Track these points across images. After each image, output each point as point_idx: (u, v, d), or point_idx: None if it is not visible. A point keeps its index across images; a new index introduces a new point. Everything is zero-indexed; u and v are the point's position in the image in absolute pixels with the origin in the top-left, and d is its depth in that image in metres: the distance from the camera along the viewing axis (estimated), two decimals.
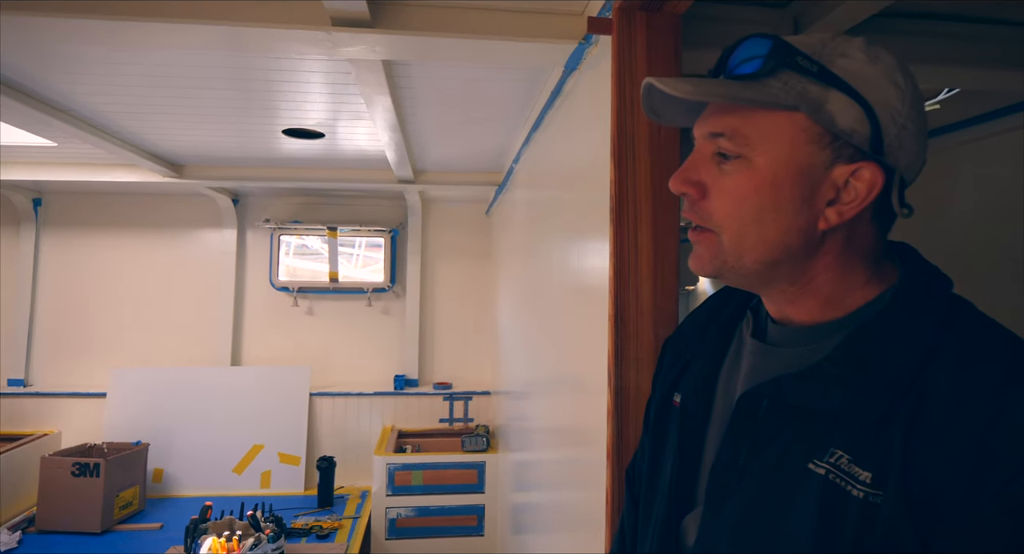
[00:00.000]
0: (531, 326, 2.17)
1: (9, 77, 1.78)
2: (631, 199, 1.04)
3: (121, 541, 2.78)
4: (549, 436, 1.87)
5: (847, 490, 0.52)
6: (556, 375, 1.75)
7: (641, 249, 1.04)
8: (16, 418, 3.48)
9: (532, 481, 2.14)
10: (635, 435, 1.03)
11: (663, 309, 1.04)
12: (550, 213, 1.83)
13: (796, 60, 0.57)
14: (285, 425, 3.45)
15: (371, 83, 1.65)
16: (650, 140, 1.06)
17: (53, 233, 3.62)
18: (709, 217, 0.62)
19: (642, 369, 1.04)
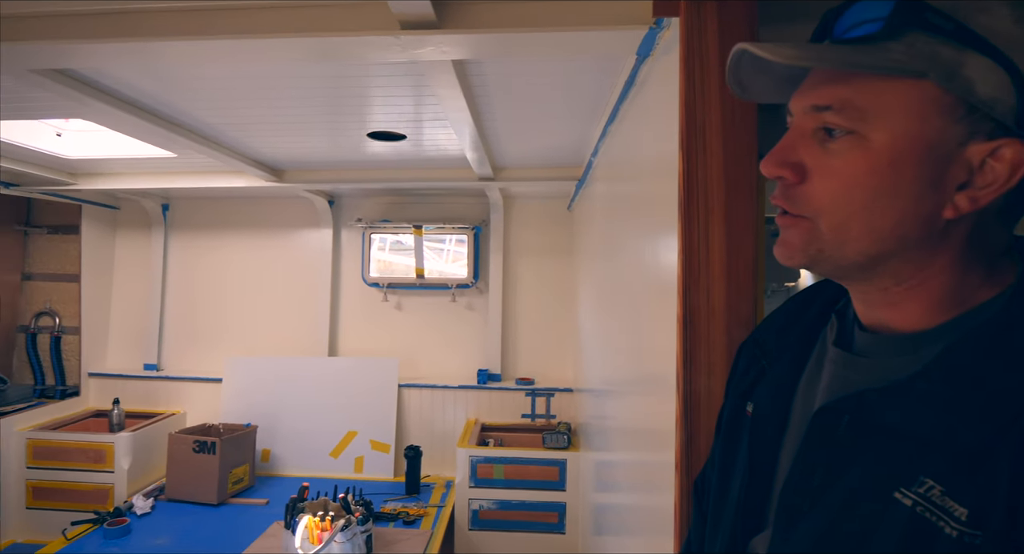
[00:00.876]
0: (608, 324, 2.12)
1: (137, 99, 2.00)
2: (701, 191, 0.97)
3: (234, 513, 3.05)
4: (625, 437, 1.82)
5: (939, 526, 0.45)
6: (631, 376, 1.70)
7: (712, 245, 0.97)
8: (150, 398, 3.93)
9: (611, 482, 2.10)
10: (706, 444, 0.97)
11: (737, 310, 0.97)
12: (625, 208, 1.78)
13: (927, 17, 0.49)
14: (376, 414, 3.62)
15: (444, 84, 1.67)
16: (723, 127, 0.98)
17: (178, 234, 4.04)
18: (807, 203, 0.55)
19: (714, 374, 0.97)
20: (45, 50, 1.42)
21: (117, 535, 2.75)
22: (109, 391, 3.90)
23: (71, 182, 3.29)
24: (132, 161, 3.01)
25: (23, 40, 1.40)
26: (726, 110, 0.99)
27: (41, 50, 1.42)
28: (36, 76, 1.64)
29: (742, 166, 0.97)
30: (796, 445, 0.62)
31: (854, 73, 0.52)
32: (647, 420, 1.45)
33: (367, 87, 1.91)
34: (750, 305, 0.98)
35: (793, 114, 0.58)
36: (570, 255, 3.73)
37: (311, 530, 2.41)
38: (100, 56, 1.46)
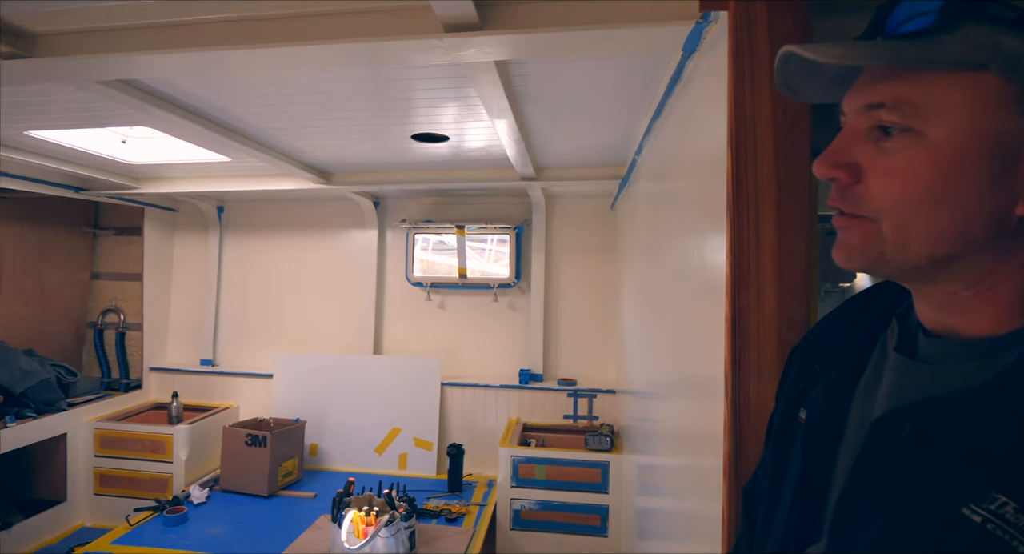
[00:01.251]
0: (652, 325, 2.08)
1: (195, 106, 2.09)
2: (751, 189, 0.94)
3: (283, 505, 3.15)
4: (670, 441, 1.78)
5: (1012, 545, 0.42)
6: (676, 378, 1.67)
7: (763, 245, 0.94)
8: (206, 392, 4.10)
9: (655, 486, 2.06)
10: (755, 450, 0.94)
11: (789, 312, 0.94)
12: (670, 206, 1.74)
13: (987, 7, 0.48)
14: (420, 412, 3.68)
15: (486, 84, 1.68)
16: (774, 123, 0.95)
17: (232, 235, 4.20)
18: (865, 203, 0.54)
19: (764, 379, 0.94)
20: (112, 62, 1.50)
21: (176, 523, 2.88)
22: (168, 385, 4.10)
23: (134, 186, 3.47)
24: (190, 165, 3.15)
25: (91, 53, 1.48)
26: (777, 105, 0.95)
27: (108, 62, 1.50)
28: (103, 87, 1.74)
29: (794, 163, 0.94)
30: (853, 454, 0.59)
31: (908, 69, 0.50)
32: (693, 424, 1.42)
33: (411, 90, 1.94)
34: (802, 307, 0.95)
35: (846, 114, 0.56)
36: (613, 254, 3.68)
37: (356, 524, 2.46)
38: (162, 66, 1.53)
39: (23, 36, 1.50)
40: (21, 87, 1.90)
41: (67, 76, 1.60)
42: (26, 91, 1.95)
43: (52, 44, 1.51)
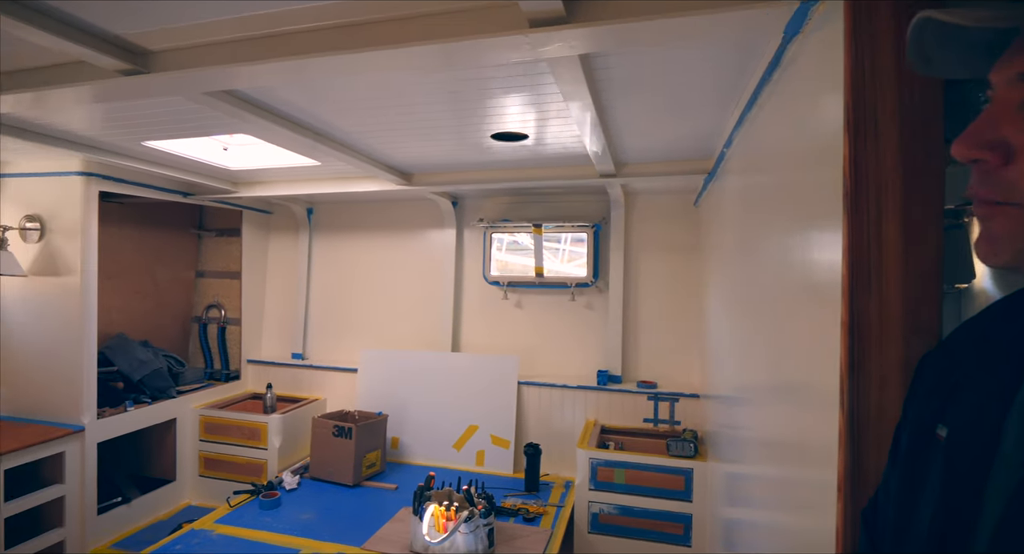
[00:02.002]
0: (744, 327, 1.97)
1: (289, 113, 2.20)
2: (872, 180, 0.85)
3: (367, 495, 3.27)
4: (764, 450, 1.67)
5: None
6: (771, 383, 1.56)
7: (886, 241, 0.85)
8: (296, 384, 4.33)
9: (746, 497, 1.95)
10: (875, 467, 0.85)
11: (916, 316, 0.84)
12: (767, 201, 1.63)
13: None
14: (497, 410, 3.70)
15: (569, 80, 1.65)
16: (899, 107, 0.85)
17: (321, 236, 4.41)
18: (1016, 188, 0.47)
19: (887, 388, 0.85)
20: (216, 74, 1.60)
21: (270, 506, 3.06)
22: (263, 376, 4.37)
23: (234, 190, 3.71)
24: (283, 170, 3.33)
25: (200, 67, 1.58)
26: (903, 88, 0.86)
27: (213, 75, 1.60)
28: (209, 97, 1.86)
29: (924, 151, 0.84)
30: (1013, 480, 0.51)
31: None
32: (794, 433, 1.32)
33: (490, 89, 1.94)
34: (932, 310, 0.85)
35: (995, 86, 0.49)
36: (696, 253, 3.54)
37: (437, 519, 2.50)
38: (260, 76, 1.61)
39: (142, 54, 1.63)
40: (139, 101, 2.08)
41: (179, 89, 1.72)
42: (142, 104, 2.13)
43: (166, 60, 1.63)
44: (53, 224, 3.16)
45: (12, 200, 3.24)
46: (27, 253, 3.19)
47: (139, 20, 1.45)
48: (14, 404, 3.27)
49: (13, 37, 1.53)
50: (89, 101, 1.84)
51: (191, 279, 4.68)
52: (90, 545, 3.15)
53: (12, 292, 3.25)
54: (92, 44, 1.52)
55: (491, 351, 3.92)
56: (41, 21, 1.40)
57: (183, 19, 1.45)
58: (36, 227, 3.18)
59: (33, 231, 3.18)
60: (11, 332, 3.27)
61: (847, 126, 0.87)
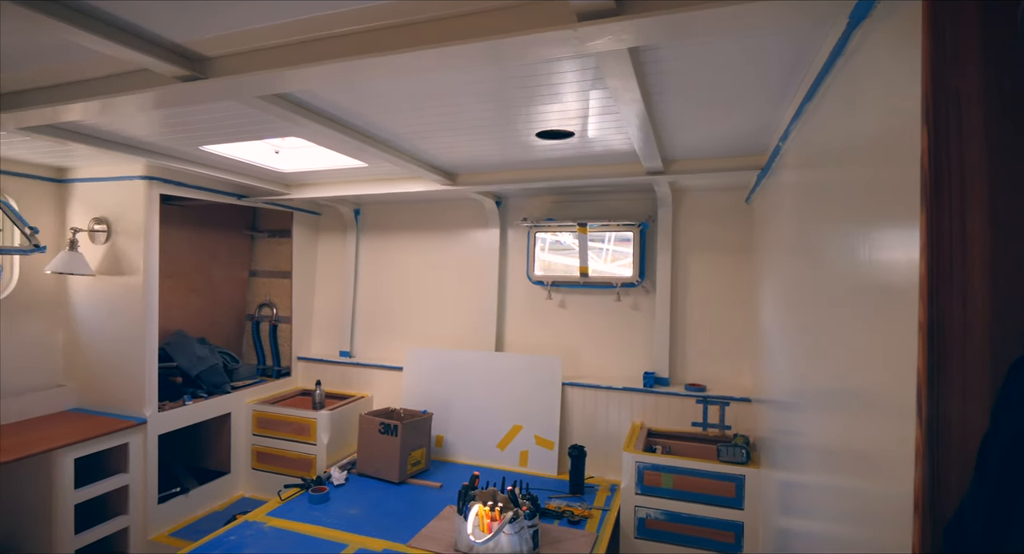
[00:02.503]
0: (801, 329, 1.88)
1: (337, 115, 2.24)
2: (955, 174, 0.79)
3: (412, 493, 3.30)
4: (824, 458, 1.59)
5: None
6: (833, 388, 1.48)
7: (972, 239, 0.78)
8: (344, 381, 4.42)
9: (804, 506, 1.86)
10: (958, 482, 0.79)
11: (1004, 319, 0.77)
12: (829, 197, 1.55)
13: None
14: (540, 410, 3.67)
15: (617, 74, 1.61)
16: (985, 94, 0.78)
17: (367, 236, 4.49)
18: None
19: (971, 398, 0.78)
20: (268, 78, 1.63)
21: (319, 501, 3.13)
22: (313, 373, 4.48)
23: (285, 192, 3.82)
24: (332, 172, 3.40)
25: (251, 71, 1.62)
26: (989, 73, 0.79)
27: (265, 79, 1.64)
28: (262, 101, 1.91)
29: (1015, 138, 0.77)
30: None
31: None
32: (857, 442, 1.24)
33: (535, 86, 1.91)
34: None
35: None
36: (747, 252, 3.42)
37: (481, 519, 2.50)
38: (309, 78, 1.64)
39: (200, 60, 1.69)
40: (197, 106, 2.16)
41: (234, 93, 1.77)
42: (199, 110, 2.21)
43: (222, 65, 1.68)
44: (118, 226, 3.33)
45: (82, 203, 3.43)
46: (95, 254, 3.37)
47: (198, 27, 1.50)
48: (83, 397, 3.46)
49: (84, 48, 1.61)
50: (151, 107, 1.92)
51: (245, 278, 4.85)
52: (151, 532, 3.30)
53: (81, 291, 3.44)
54: (155, 52, 1.58)
55: (535, 351, 3.90)
56: (112, 33, 1.47)
57: (238, 25, 1.49)
58: (103, 229, 3.35)
59: (100, 233, 3.36)
60: (81, 329, 3.46)
61: (925, 115, 0.81)
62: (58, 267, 3.18)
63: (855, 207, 1.29)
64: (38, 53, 1.70)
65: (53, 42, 1.62)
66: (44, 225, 3.36)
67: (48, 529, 2.90)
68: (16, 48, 1.67)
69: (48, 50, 1.68)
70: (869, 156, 1.19)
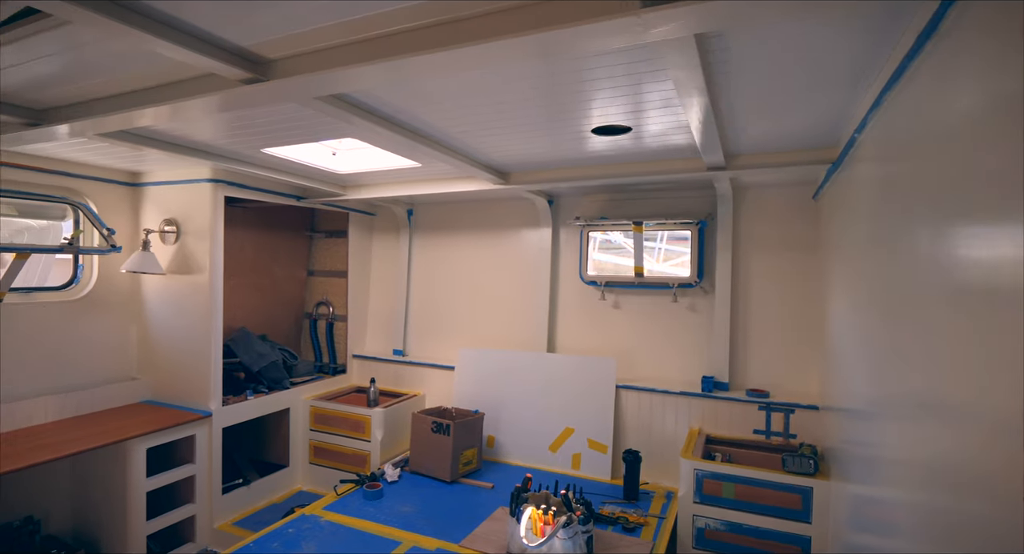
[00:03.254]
0: (881, 333, 1.74)
1: (391, 115, 2.25)
2: None
3: (464, 492, 3.30)
4: (907, 473, 1.46)
5: None
6: (918, 398, 1.35)
7: None
8: (397, 380, 4.48)
9: (881, 524, 1.73)
10: None
11: None
12: (916, 190, 1.42)
13: None
14: (593, 413, 3.60)
15: (681, 63, 1.53)
16: None
17: (420, 236, 4.54)
18: None
19: None
20: (324, 78, 1.65)
21: (373, 497, 3.17)
22: (367, 371, 4.56)
23: (341, 193, 3.90)
24: (386, 172, 3.44)
25: (308, 72, 1.64)
26: None
27: (321, 79, 1.66)
28: (319, 102, 1.94)
29: None
30: None
31: None
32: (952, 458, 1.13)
33: (587, 80, 1.86)
34: None
35: None
36: (814, 251, 3.24)
37: (534, 522, 2.46)
38: (362, 78, 1.64)
39: (262, 63, 1.72)
40: (258, 109, 2.21)
41: (293, 94, 1.80)
42: (260, 112, 2.27)
43: (282, 68, 1.70)
44: (187, 227, 3.48)
45: (154, 206, 3.61)
46: (165, 253, 3.53)
47: (260, 30, 1.52)
48: (154, 390, 3.65)
49: (156, 55, 1.67)
50: (216, 111, 1.98)
51: (304, 278, 5.00)
52: (216, 521, 3.43)
53: (153, 289, 3.62)
54: (221, 56, 1.62)
55: (587, 352, 3.83)
56: (183, 39, 1.51)
57: (296, 26, 1.51)
58: (173, 230, 3.51)
59: (170, 234, 3.52)
60: (152, 325, 3.64)
61: None
62: (132, 266, 3.36)
63: (949, 200, 1.17)
64: (114, 62, 1.78)
65: (127, 50, 1.68)
66: (120, 227, 3.56)
67: (123, 514, 3.06)
68: (95, 58, 1.75)
69: (122, 59, 1.75)
70: (966, 144, 1.08)
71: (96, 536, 3.21)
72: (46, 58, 1.74)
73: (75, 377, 3.37)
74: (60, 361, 3.29)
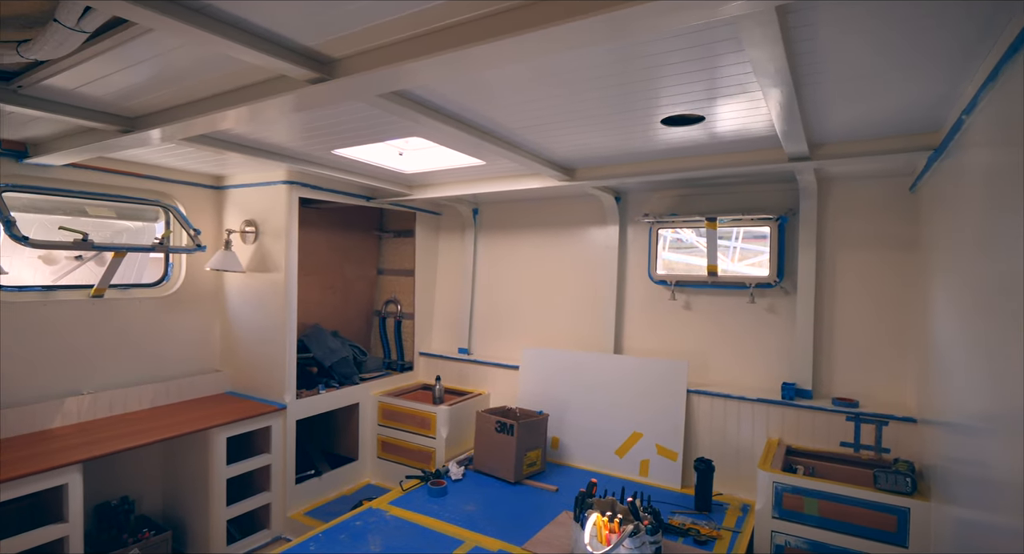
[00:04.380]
0: (996, 340, 1.53)
1: (455, 111, 2.23)
2: None
3: (527, 494, 3.25)
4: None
5: None
6: None
7: None
8: (462, 378, 4.50)
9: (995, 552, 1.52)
10: None
11: None
12: None
13: None
14: (662, 418, 3.45)
15: (760, 41, 1.41)
16: None
17: (485, 235, 4.54)
18: None
19: None
20: (387, 75, 1.64)
21: (437, 494, 3.18)
22: (433, 368, 4.61)
23: (408, 193, 3.96)
24: (452, 171, 3.45)
25: (370, 69, 1.64)
26: None
27: (383, 76, 1.65)
28: (384, 100, 1.95)
29: None
30: None
31: None
32: None
33: (657, 66, 1.75)
34: None
35: None
36: (912, 249, 2.95)
37: (600, 529, 2.37)
38: (425, 71, 1.62)
39: (328, 62, 1.74)
40: (328, 110, 2.26)
41: (357, 92, 1.81)
42: (330, 114, 2.32)
43: (346, 66, 1.72)
44: (265, 227, 3.64)
45: (235, 207, 3.80)
46: (245, 252, 3.71)
47: (324, 29, 1.54)
48: (235, 382, 3.84)
49: (232, 59, 1.73)
50: (290, 111, 2.03)
51: (373, 276, 5.13)
52: (290, 510, 3.57)
53: (234, 286, 3.82)
54: (290, 57, 1.65)
55: (656, 355, 3.69)
56: (258, 43, 1.56)
57: (358, 23, 1.51)
58: (252, 230, 3.69)
59: (250, 233, 3.70)
60: (233, 320, 3.83)
61: None
62: (216, 264, 3.55)
63: None
64: (194, 67, 1.86)
65: (206, 56, 1.75)
66: (204, 227, 3.77)
67: (206, 499, 3.24)
68: (177, 64, 1.83)
69: (202, 64, 1.83)
70: None
71: (182, 518, 3.41)
72: (134, 67, 1.84)
73: (166, 368, 3.60)
74: (153, 353, 3.53)
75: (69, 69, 1.85)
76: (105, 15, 1.43)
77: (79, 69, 1.86)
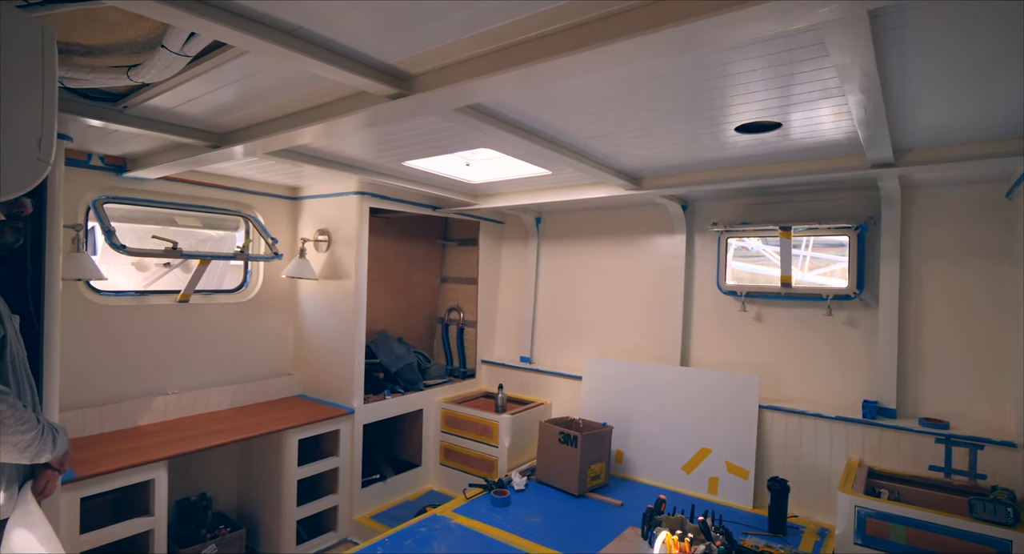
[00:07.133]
0: None
1: (523, 122, 2.26)
2: None
3: (591, 507, 3.20)
4: None
5: None
6: None
7: None
8: (523, 387, 4.51)
9: None
10: None
11: None
12: None
13: None
14: (733, 434, 3.33)
15: (847, 45, 1.35)
16: None
17: (548, 244, 4.55)
18: None
19: None
20: (463, 89, 1.69)
21: (500, 504, 3.19)
22: (495, 377, 4.65)
23: (473, 203, 4.02)
24: (517, 181, 3.49)
25: (447, 84, 1.69)
26: None
27: (459, 90, 1.69)
28: (457, 113, 2.00)
29: None
30: None
31: None
32: None
33: (729, 75, 1.72)
34: None
35: None
36: (1008, 260, 2.73)
37: (669, 547, 2.31)
38: (498, 86, 1.65)
39: (406, 78, 1.81)
40: (400, 124, 2.34)
41: (434, 107, 1.87)
42: (403, 127, 2.40)
43: (424, 82, 1.78)
44: (336, 236, 3.79)
45: (309, 217, 3.98)
46: (318, 260, 3.88)
47: (406, 47, 1.60)
48: (306, 385, 4.00)
49: (312, 77, 1.82)
50: (362, 126, 2.12)
51: (437, 284, 5.23)
52: (355, 513, 3.67)
53: (307, 293, 3.99)
54: (371, 74, 1.72)
55: (724, 368, 3.57)
56: (340, 61, 1.64)
57: (437, 41, 1.56)
58: (325, 239, 3.85)
59: (322, 242, 3.86)
60: (305, 325, 4.00)
61: None
62: (291, 272, 3.73)
63: None
64: (279, 87, 1.97)
65: (292, 75, 1.86)
66: (281, 236, 3.97)
67: (278, 499, 3.38)
68: (265, 84, 1.95)
69: (286, 83, 1.94)
70: None
71: (256, 517, 3.57)
72: (227, 87, 1.97)
73: (242, 370, 3.80)
74: (231, 355, 3.73)
75: (169, 90, 2.00)
76: (207, 40, 1.55)
77: (177, 90, 2.00)
